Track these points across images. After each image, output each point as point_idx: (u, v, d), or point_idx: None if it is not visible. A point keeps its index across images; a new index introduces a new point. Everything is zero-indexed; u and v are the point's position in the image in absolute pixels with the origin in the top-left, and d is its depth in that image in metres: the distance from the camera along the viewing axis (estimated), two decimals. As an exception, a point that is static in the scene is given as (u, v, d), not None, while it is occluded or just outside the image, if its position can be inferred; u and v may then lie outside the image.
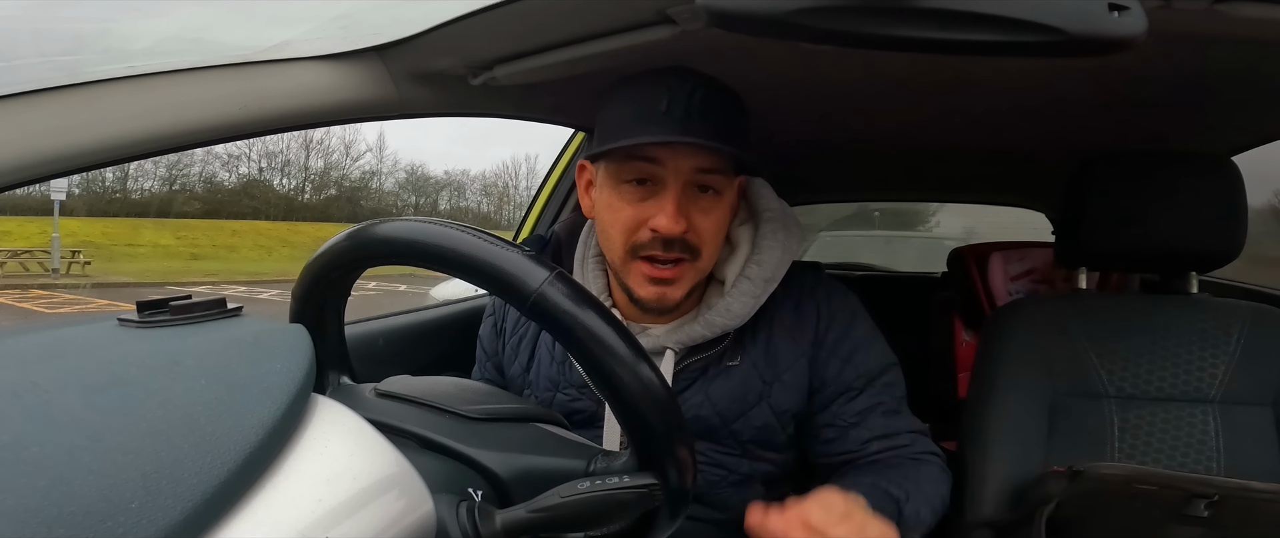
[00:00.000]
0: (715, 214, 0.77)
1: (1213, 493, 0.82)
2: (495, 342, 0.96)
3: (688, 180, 0.75)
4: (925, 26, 0.41)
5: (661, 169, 0.74)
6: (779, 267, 0.82)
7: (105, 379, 0.33)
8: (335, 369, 0.60)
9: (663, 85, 0.73)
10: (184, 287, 11.25)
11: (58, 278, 17.97)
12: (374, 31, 0.66)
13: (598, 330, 0.44)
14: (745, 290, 0.80)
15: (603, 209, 0.80)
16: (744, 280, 0.80)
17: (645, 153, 0.74)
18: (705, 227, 0.76)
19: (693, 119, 0.72)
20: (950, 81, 0.98)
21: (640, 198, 0.76)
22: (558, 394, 0.88)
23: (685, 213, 0.75)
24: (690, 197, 0.76)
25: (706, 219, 0.76)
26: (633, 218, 0.76)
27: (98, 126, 0.50)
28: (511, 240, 0.45)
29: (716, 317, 0.80)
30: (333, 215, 43.48)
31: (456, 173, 61.27)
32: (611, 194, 0.78)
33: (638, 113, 0.73)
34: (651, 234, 0.75)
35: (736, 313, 0.80)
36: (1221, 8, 0.55)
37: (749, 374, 0.83)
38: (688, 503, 0.49)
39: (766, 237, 0.83)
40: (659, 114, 0.72)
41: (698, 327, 0.81)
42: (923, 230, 6.84)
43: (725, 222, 0.80)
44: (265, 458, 0.31)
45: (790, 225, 0.85)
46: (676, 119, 0.72)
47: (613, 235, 0.78)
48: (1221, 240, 0.97)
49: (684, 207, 0.75)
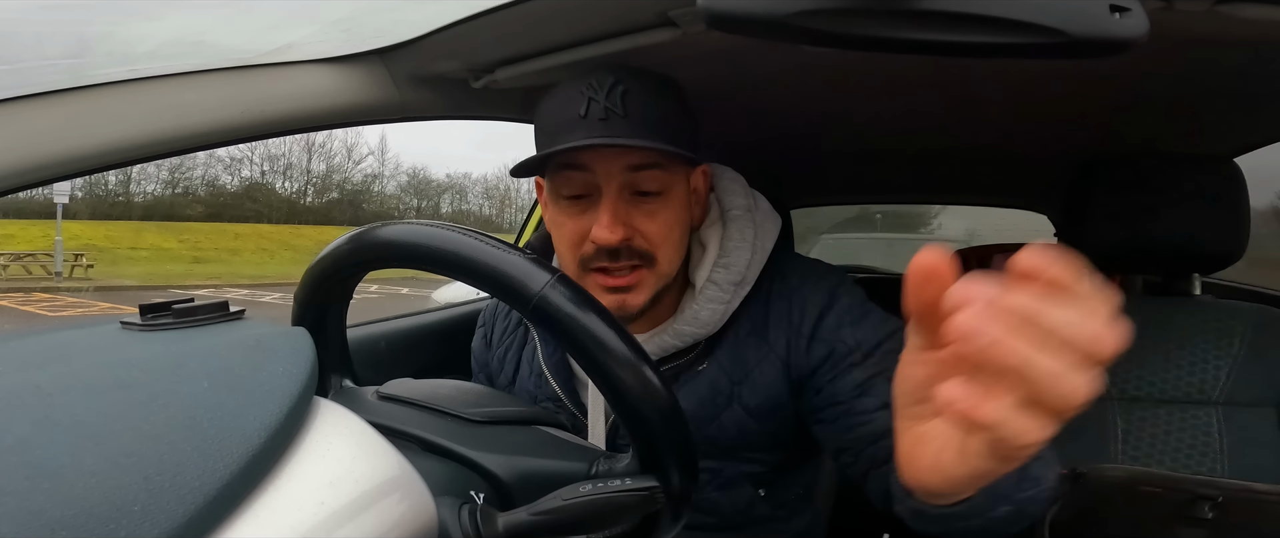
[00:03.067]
0: (661, 216, 0.73)
1: (1217, 495, 0.82)
2: (485, 354, 0.95)
3: (623, 184, 0.71)
4: (927, 29, 0.41)
5: (593, 176, 0.71)
6: (750, 267, 0.78)
7: (108, 382, 0.33)
8: (337, 372, 0.60)
9: (580, 87, 0.69)
10: (187, 290, 11.28)
11: (60, 281, 18.00)
12: (376, 35, 0.66)
13: (600, 333, 0.44)
14: (712, 296, 0.77)
15: (550, 225, 0.78)
16: (711, 286, 0.77)
17: (572, 160, 0.70)
18: (651, 230, 0.73)
19: (614, 119, 0.68)
20: (952, 84, 0.98)
21: (580, 211, 0.73)
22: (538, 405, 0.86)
23: (624, 219, 0.71)
24: (630, 201, 0.72)
25: (651, 222, 0.73)
26: (574, 232, 0.73)
27: (101, 130, 0.50)
28: (513, 244, 0.45)
29: (685, 325, 0.78)
30: (335, 219, 43.54)
31: (458, 176, 61.36)
32: (554, 210, 0.75)
33: (557, 122, 0.71)
34: (594, 246, 0.72)
35: (705, 320, 0.77)
36: (1223, 9, 0.55)
37: (717, 376, 0.79)
38: (690, 506, 0.49)
39: (732, 237, 0.79)
40: (577, 119, 0.69)
41: (668, 336, 0.78)
42: (925, 233, 6.84)
43: (677, 220, 0.75)
44: (267, 461, 0.31)
45: (762, 222, 0.81)
46: (595, 120, 0.68)
47: (561, 252, 0.76)
48: (1224, 242, 0.97)
49: (622, 213, 0.71)
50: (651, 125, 0.69)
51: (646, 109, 0.69)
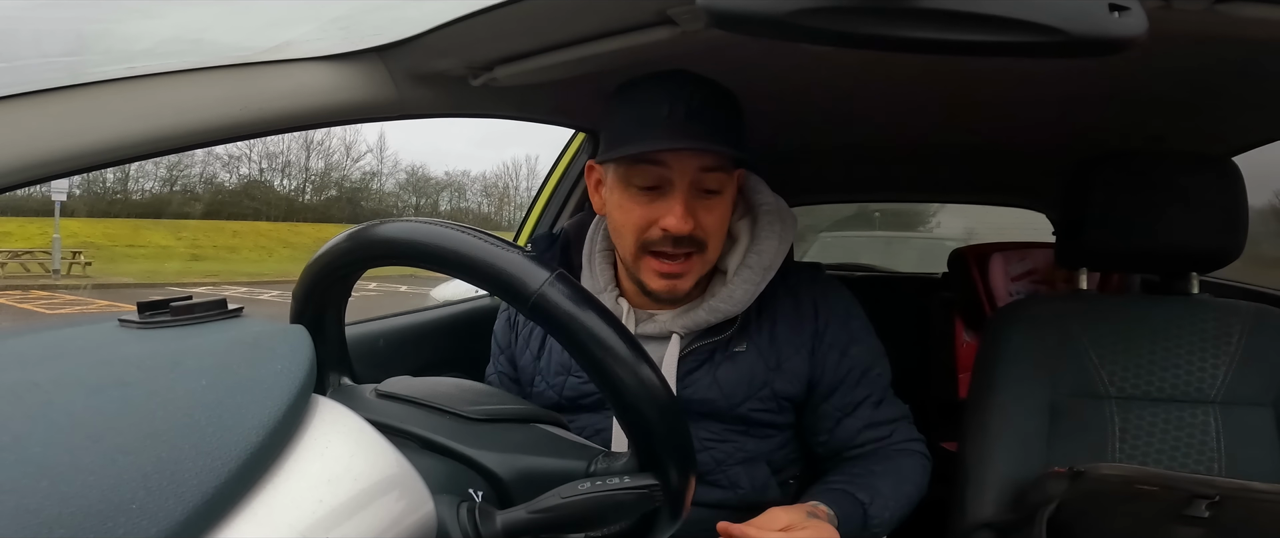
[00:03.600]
0: (718, 211, 0.83)
1: (1213, 494, 0.82)
2: (509, 335, 1.00)
3: (693, 180, 0.80)
4: (926, 27, 0.41)
5: (668, 171, 0.79)
6: (776, 255, 0.88)
7: (106, 380, 0.33)
8: (336, 370, 0.60)
9: (663, 91, 0.78)
10: (185, 287, 11.26)
11: (58, 279, 17.97)
12: (374, 32, 0.66)
13: (598, 331, 0.44)
14: (746, 279, 0.87)
15: (614, 209, 0.85)
16: (745, 269, 0.87)
17: (652, 157, 0.79)
18: (709, 223, 0.82)
19: (694, 122, 0.77)
20: (951, 82, 0.98)
21: (649, 200, 0.81)
22: (569, 377, 0.92)
23: (692, 212, 0.80)
24: (695, 196, 0.81)
25: (710, 216, 0.82)
26: (643, 218, 0.82)
27: (99, 127, 0.50)
28: (512, 241, 0.45)
29: (720, 303, 0.86)
30: (333, 216, 43.48)
31: (457, 174, 61.33)
32: (622, 195, 0.83)
33: (641, 118, 0.79)
34: (662, 233, 0.81)
35: (738, 299, 0.86)
36: (1222, 8, 0.55)
37: (754, 361, 0.89)
38: (688, 504, 0.49)
39: (764, 228, 0.89)
40: (661, 119, 0.77)
41: (702, 313, 0.87)
42: (923, 231, 6.83)
43: (727, 216, 0.85)
44: (266, 459, 0.31)
45: (785, 217, 0.91)
46: (679, 123, 0.77)
47: (625, 234, 0.84)
48: (1222, 241, 0.97)
49: (691, 206, 0.80)
50: (721, 131, 0.79)
51: (716, 116, 0.79)
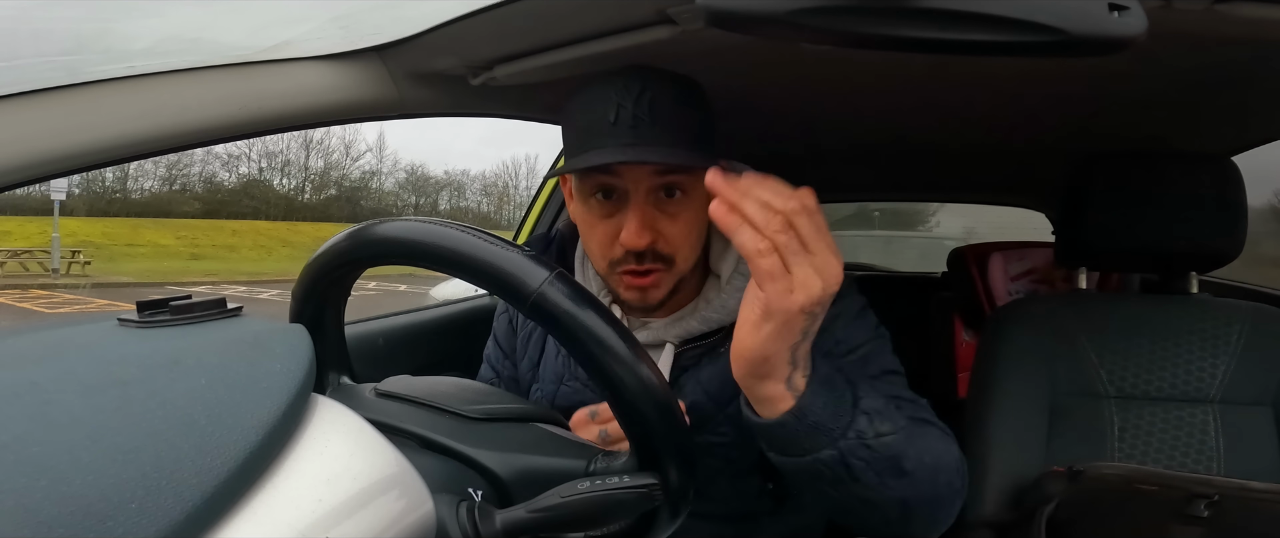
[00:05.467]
0: (684, 217, 0.76)
1: (1212, 493, 0.82)
2: (511, 338, 0.97)
3: (650, 188, 0.74)
4: (925, 26, 0.41)
5: (621, 181, 0.73)
6: None
7: (105, 379, 0.33)
8: (335, 369, 0.60)
9: (610, 92, 0.71)
10: (184, 287, 11.26)
11: (58, 278, 17.97)
12: (374, 31, 0.66)
13: (597, 330, 0.44)
14: (739, 287, 0.80)
15: (579, 223, 0.81)
16: (738, 277, 0.81)
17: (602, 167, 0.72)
18: (674, 232, 0.76)
19: (642, 127, 0.70)
20: (950, 81, 0.98)
21: (607, 213, 0.76)
22: (562, 387, 0.88)
23: (650, 224, 0.74)
24: (656, 203, 0.75)
25: (674, 224, 0.76)
26: (604, 235, 0.76)
27: (98, 127, 0.50)
28: (512, 240, 0.45)
29: (712, 312, 0.82)
30: (333, 215, 43.50)
31: (456, 173, 61.33)
32: (582, 208, 0.78)
33: (588, 126, 0.72)
34: (623, 249, 0.75)
35: (731, 309, 0.80)
36: (1222, 8, 0.55)
37: None
38: (688, 503, 0.49)
39: None
40: (607, 126, 0.70)
41: (694, 322, 0.82)
42: (923, 230, 6.84)
43: (697, 219, 0.78)
44: (265, 458, 0.31)
45: None
46: (625, 129, 0.70)
47: (591, 250, 0.80)
48: (1221, 240, 0.97)
49: (649, 217, 0.74)
50: (678, 132, 0.72)
51: (673, 116, 0.71)
